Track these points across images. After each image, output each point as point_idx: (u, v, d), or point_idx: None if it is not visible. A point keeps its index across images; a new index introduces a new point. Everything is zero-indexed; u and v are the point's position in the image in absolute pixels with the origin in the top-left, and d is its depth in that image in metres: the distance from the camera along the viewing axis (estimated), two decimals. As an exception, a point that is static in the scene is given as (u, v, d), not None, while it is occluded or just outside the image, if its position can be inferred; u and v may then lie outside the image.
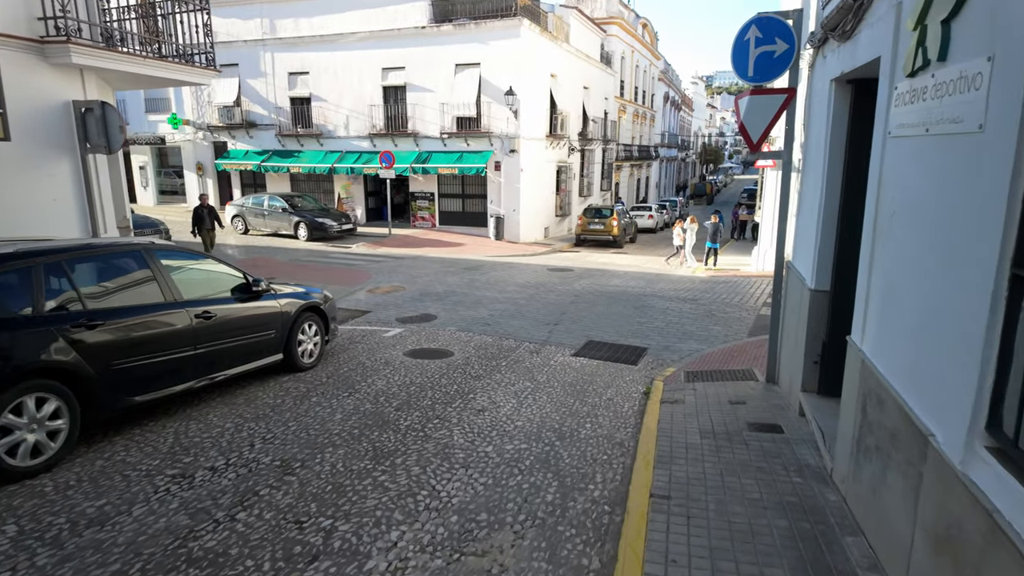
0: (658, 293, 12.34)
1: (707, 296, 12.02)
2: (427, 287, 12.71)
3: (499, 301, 11.41)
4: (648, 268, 17.68)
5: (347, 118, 24.02)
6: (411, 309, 10.73)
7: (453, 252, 18.98)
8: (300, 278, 13.37)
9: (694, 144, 78.78)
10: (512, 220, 22.58)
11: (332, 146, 24.46)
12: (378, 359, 7.52)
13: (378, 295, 11.92)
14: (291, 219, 20.45)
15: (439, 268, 15.33)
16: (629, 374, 7.39)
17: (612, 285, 13.29)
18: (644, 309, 10.84)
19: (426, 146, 23.10)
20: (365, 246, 19.49)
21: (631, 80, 39.79)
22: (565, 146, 26.54)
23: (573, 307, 10.98)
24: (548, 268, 15.94)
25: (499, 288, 12.68)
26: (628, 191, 41.10)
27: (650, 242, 26.85)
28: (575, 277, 14.49)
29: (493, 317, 10.20)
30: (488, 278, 13.95)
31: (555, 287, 12.92)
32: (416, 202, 24.03)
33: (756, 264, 15.93)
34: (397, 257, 17.39)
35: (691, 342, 8.88)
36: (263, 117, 25.24)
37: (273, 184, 25.79)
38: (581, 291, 12.48)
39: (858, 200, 4.79)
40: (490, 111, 21.95)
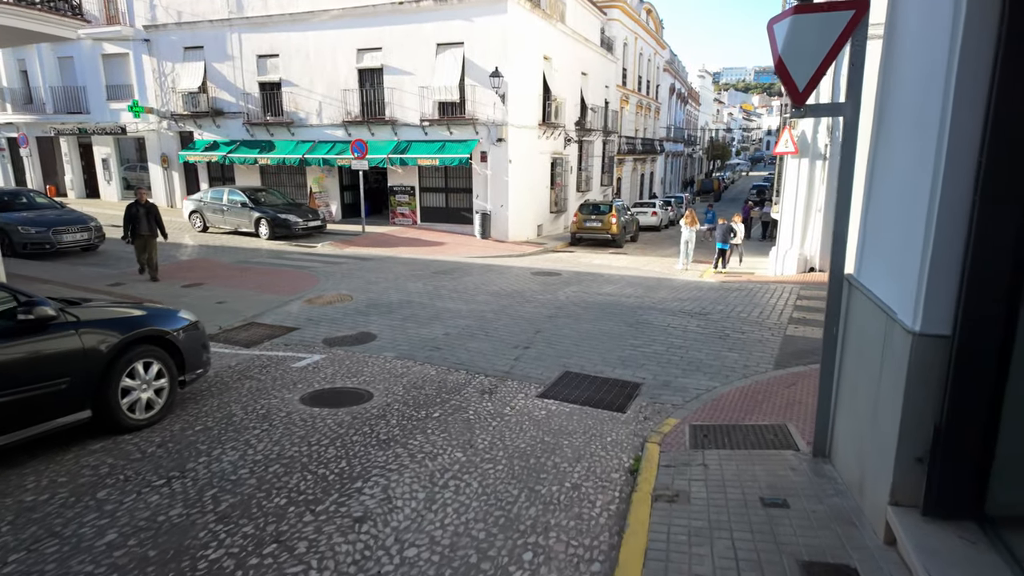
0: (658, 304, 10.15)
1: (718, 309, 9.82)
2: (380, 296, 10.56)
3: (462, 315, 9.25)
4: (649, 271, 15.47)
5: (320, 105, 21.88)
6: (348, 326, 8.59)
7: (429, 252, 16.83)
8: (233, 283, 11.26)
9: (700, 139, 76.34)
10: (500, 217, 20.40)
11: (304, 136, 22.34)
12: (258, 408, 5.38)
13: (316, 306, 9.78)
14: (251, 215, 18.34)
15: (404, 272, 13.18)
16: (612, 430, 5.23)
17: (604, 293, 11.11)
18: (640, 326, 8.66)
19: (405, 135, 20.94)
20: (332, 245, 17.37)
21: (634, 68, 37.52)
22: (561, 136, 24.33)
23: (552, 323, 8.81)
24: (532, 272, 13.77)
25: (466, 297, 10.52)
26: (631, 187, 38.85)
27: (653, 241, 24.64)
28: (561, 283, 12.31)
29: (448, 338, 8.04)
30: (458, 285, 11.79)
31: (535, 296, 10.75)
32: (395, 197, 21.88)
33: (774, 267, 13.72)
34: (362, 258, 15.25)
35: (699, 376, 6.70)
36: (231, 104, 23.14)
37: (242, 177, 23.71)
38: (565, 302, 10.31)
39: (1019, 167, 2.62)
40: (475, 95, 19.76)
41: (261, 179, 23.64)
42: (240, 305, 9.72)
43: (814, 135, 12.64)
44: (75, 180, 26.97)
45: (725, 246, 15.05)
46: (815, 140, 12.64)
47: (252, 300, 10.06)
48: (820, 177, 12.72)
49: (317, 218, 19.04)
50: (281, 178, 23.60)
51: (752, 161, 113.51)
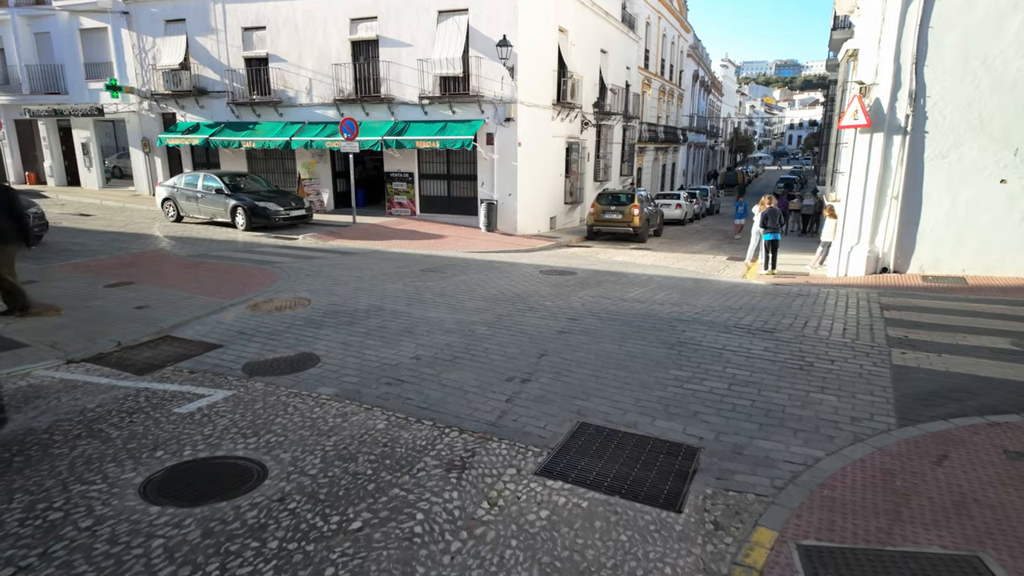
0: (703, 316, 7.80)
1: (783, 323, 7.45)
2: (345, 300, 8.34)
3: (444, 328, 7.00)
4: (681, 271, 13.10)
5: (310, 82, 19.72)
6: (289, 343, 6.39)
7: (424, 246, 14.61)
8: (172, 282, 9.12)
9: (723, 131, 73.25)
10: (507, 207, 18.12)
11: (292, 116, 20.20)
12: (55, 507, 3.18)
13: (259, 314, 7.59)
14: (227, 203, 16.25)
15: (388, 269, 10.96)
16: (664, 555, 2.96)
17: (630, 299, 8.79)
18: (684, 348, 6.35)
19: (403, 115, 18.70)
20: (314, 238, 15.22)
21: (657, 50, 34.93)
22: (577, 119, 21.94)
23: (563, 342, 6.53)
24: (541, 271, 11.47)
25: (455, 304, 8.27)
26: (652, 178, 36.31)
27: (679, 236, 22.20)
28: (576, 285, 10.01)
29: (418, 363, 5.80)
30: (447, 286, 9.54)
31: (542, 302, 8.46)
32: (392, 185, 19.66)
33: (836, 267, 11.28)
34: (344, 252, 13.06)
35: (786, 435, 4.39)
36: (215, 83, 21.08)
37: (228, 162, 21.66)
38: (580, 310, 8.01)
39: None
40: (480, 69, 17.46)
41: (247, 164, 21.58)
42: (163, 311, 7.56)
43: (892, 103, 10.18)
44: (55, 167, 25.12)
45: (776, 236, 12.38)
46: (893, 109, 10.18)
47: (183, 304, 7.91)
48: (898, 156, 10.26)
49: (301, 207, 16.89)
50: (269, 164, 21.51)
51: (775, 155, 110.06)
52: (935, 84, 9.88)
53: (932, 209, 10.25)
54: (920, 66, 9.89)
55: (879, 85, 10.36)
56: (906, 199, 10.35)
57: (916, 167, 10.22)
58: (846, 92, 13.17)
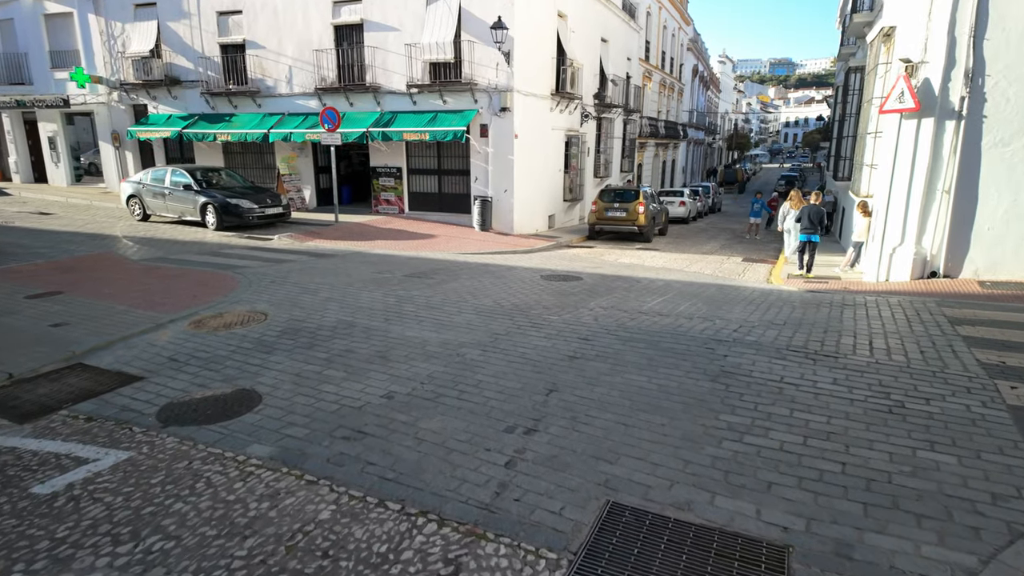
0: (743, 333, 6.46)
1: (844, 343, 6.09)
2: (310, 314, 6.96)
3: (425, 353, 5.65)
4: (697, 274, 11.79)
5: (290, 70, 18.29)
6: (228, 374, 5.02)
7: (411, 248, 13.24)
8: (109, 292, 7.73)
9: (721, 128, 72.06)
10: (503, 204, 16.76)
11: (271, 107, 18.76)
12: None
13: (202, 332, 6.21)
14: (196, 200, 14.82)
15: (367, 274, 9.59)
16: None
17: (650, 312, 7.45)
18: (731, 380, 5.02)
19: (389, 104, 17.30)
20: (290, 238, 13.82)
21: (658, 42, 33.62)
22: (577, 110, 20.59)
23: (576, 372, 5.19)
24: (543, 276, 10.12)
25: (441, 319, 6.91)
26: (652, 174, 35.03)
27: (684, 235, 20.91)
28: (584, 292, 8.66)
29: (389, 406, 4.45)
30: (434, 296, 8.18)
31: (546, 316, 7.11)
32: (378, 180, 18.25)
33: (876, 270, 9.97)
34: (321, 255, 11.68)
35: (906, 524, 3.06)
36: (188, 71, 19.61)
37: (204, 157, 20.20)
38: (594, 326, 6.66)
39: None
40: (473, 55, 16.09)
41: (224, 159, 20.13)
42: (84, 330, 6.17)
43: (944, 84, 8.88)
44: (20, 162, 23.59)
45: (815, 237, 11.07)
46: (946, 91, 8.88)
47: (113, 321, 6.52)
48: (951, 144, 8.96)
49: (278, 204, 15.47)
50: (247, 158, 20.07)
51: (771, 153, 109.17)
52: (996, 60, 8.58)
53: (990, 205, 8.95)
54: (979, 39, 8.59)
55: (929, 63, 9.05)
56: (959, 193, 9.05)
57: (971, 157, 8.93)
58: (873, 77, 11.88)
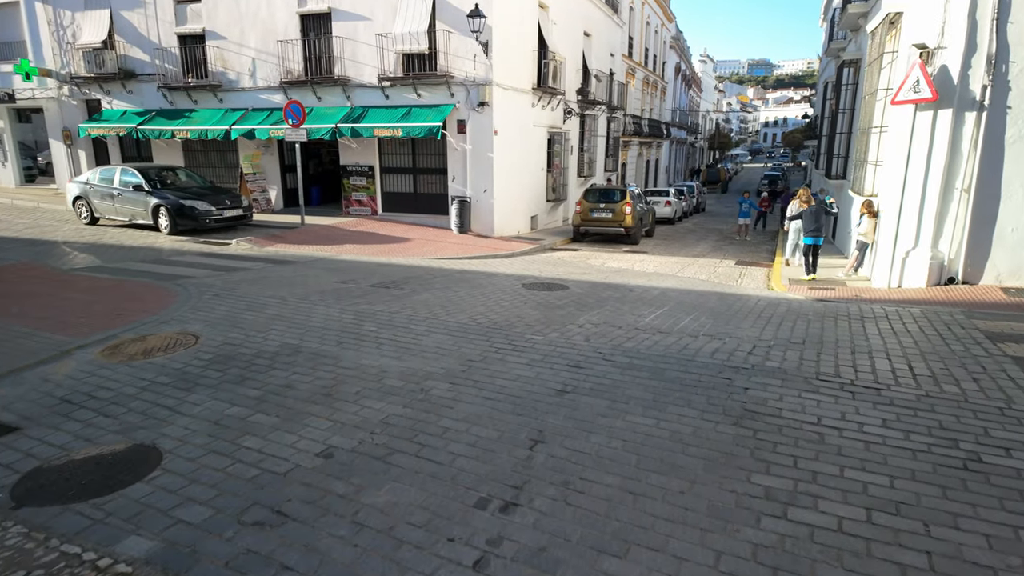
0: (760, 357, 5.52)
1: (880, 368, 5.18)
2: (249, 337, 5.89)
3: (382, 388, 4.62)
4: (692, 280, 10.91)
5: (253, 62, 17.10)
6: (130, 421, 3.95)
7: (382, 253, 12.18)
8: (27, 309, 6.59)
9: (703, 128, 71.82)
10: (483, 205, 15.76)
11: (234, 102, 17.55)
12: None
13: (115, 362, 5.12)
14: (147, 202, 13.59)
15: (328, 285, 8.52)
16: None
17: (649, 329, 6.50)
18: (758, 424, 4.08)
19: (360, 99, 16.20)
20: (249, 243, 12.67)
21: (641, 39, 32.86)
22: (560, 106, 19.67)
23: (566, 413, 4.21)
24: (524, 283, 9.13)
25: (406, 340, 5.89)
26: (636, 174, 34.27)
27: (671, 236, 20.10)
28: (572, 304, 7.70)
29: (326, 470, 3.42)
30: (401, 310, 7.15)
31: (529, 335, 6.12)
32: (349, 180, 17.12)
33: (888, 276, 9.16)
34: (280, 261, 10.58)
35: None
36: (144, 64, 18.30)
37: (162, 155, 18.90)
38: (585, 349, 5.68)
39: None
40: (449, 46, 15.07)
41: (184, 158, 18.86)
42: (-35, 361, 5.04)
43: (964, 71, 8.08)
44: (-34, 162, 22.03)
45: (819, 240, 10.57)
46: (965, 79, 8.09)
47: (6, 347, 5.39)
48: (971, 138, 8.16)
49: (238, 206, 14.28)
50: (209, 157, 18.82)
51: (751, 152, 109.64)
52: (1021, 45, 7.80)
53: (1013, 204, 8.17)
54: (1002, 22, 7.80)
55: (946, 49, 8.24)
56: (980, 192, 8.26)
57: (993, 151, 8.14)
58: (877, 68, 11.11)
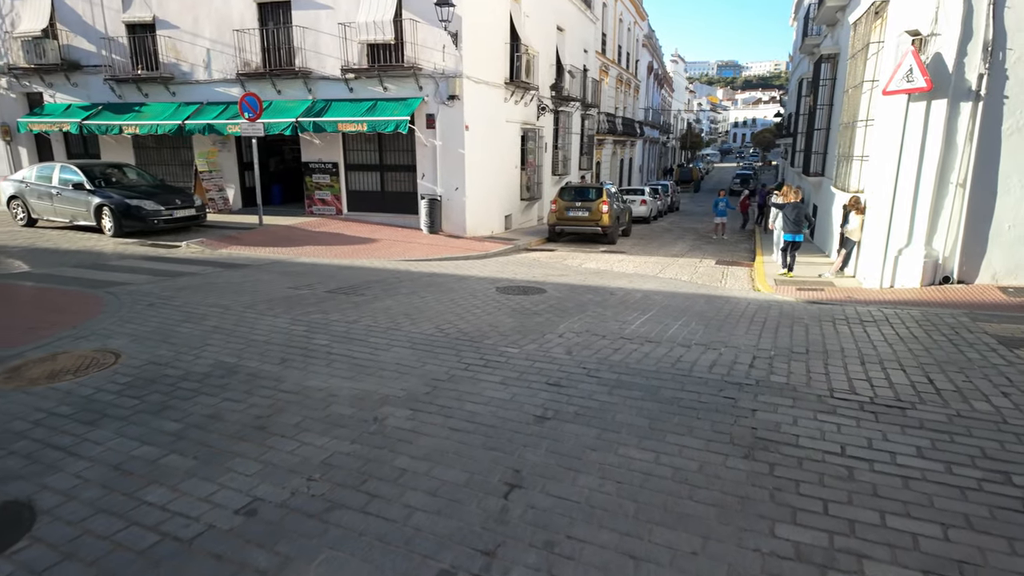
0: (768, 373, 4.94)
1: (897, 382, 4.63)
2: (179, 354, 5.09)
3: (327, 419, 3.90)
4: (674, 281, 10.37)
5: (208, 53, 16.09)
6: (6, 469, 3.16)
7: (346, 255, 11.39)
8: None
9: (675, 128, 72.15)
10: (454, 204, 15.05)
11: (187, 95, 16.50)
12: None
13: (11, 389, 4.29)
14: (89, 202, 12.55)
15: (279, 292, 7.72)
16: None
17: (636, 337, 5.88)
18: (773, 454, 3.48)
19: (323, 91, 15.34)
20: (202, 245, 11.74)
21: (614, 35, 32.49)
22: (533, 102, 19.06)
23: (547, 447, 3.55)
24: (498, 287, 8.46)
25: (362, 356, 5.15)
26: (611, 173, 33.90)
27: (648, 235, 19.66)
28: (550, 311, 7.05)
29: (244, 533, 2.69)
30: (359, 320, 6.40)
31: (503, 347, 5.45)
32: (312, 178, 16.23)
33: (878, 276, 8.73)
34: (231, 265, 9.72)
35: None
36: (89, 54, 17.13)
37: (111, 152, 17.73)
38: (567, 363, 5.03)
39: None
40: (416, 36, 14.32)
41: (135, 156, 17.72)
42: None
43: (959, 59, 7.67)
44: None
45: (799, 237, 10.29)
46: (961, 67, 7.68)
47: None
48: (967, 130, 7.76)
49: (190, 205, 13.30)
50: (163, 154, 17.72)
51: (722, 152, 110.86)
52: (1019, 31, 7.41)
53: (1011, 199, 7.79)
54: (1000, 7, 7.40)
55: (940, 36, 7.83)
56: (976, 186, 7.86)
57: (990, 144, 7.75)
58: (862, 59, 10.73)
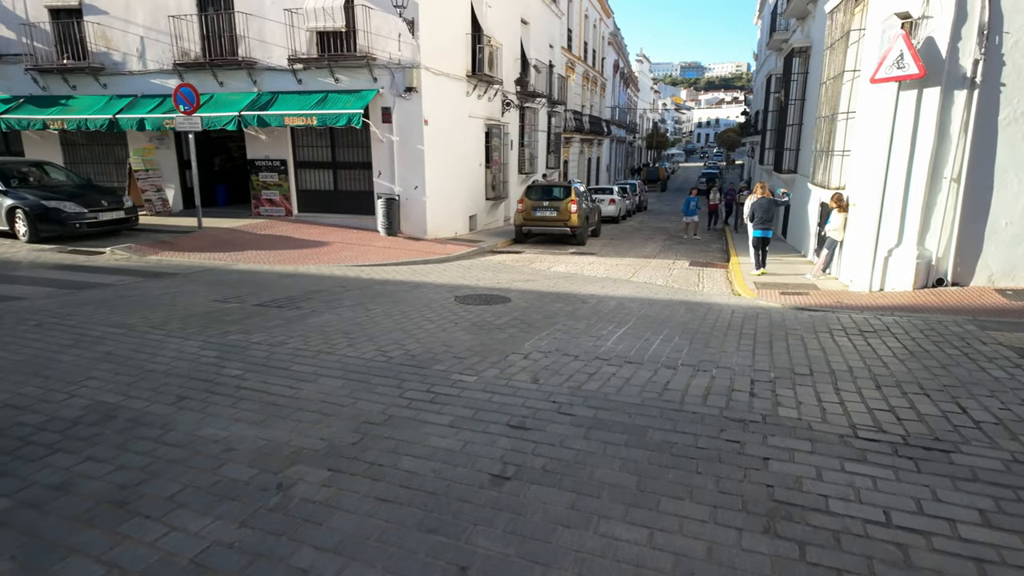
0: (775, 404, 4.18)
1: (929, 413, 3.94)
2: (53, 390, 4.04)
3: (215, 487, 2.95)
4: (649, 286, 9.62)
5: (142, 42, 14.76)
6: None
7: (291, 260, 10.33)
8: None
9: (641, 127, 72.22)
10: (414, 204, 14.07)
11: (120, 87, 15.13)
12: None
13: None
14: (1, 203, 11.20)
15: (199, 306, 6.66)
16: None
17: (613, 357, 5.05)
18: (799, 526, 2.71)
19: (269, 84, 14.18)
20: (131, 251, 10.52)
21: (580, 32, 31.87)
22: (498, 97, 18.19)
23: (504, 524, 2.69)
24: (458, 296, 7.56)
25: (279, 391, 4.20)
26: (578, 172, 33.28)
27: (618, 235, 18.98)
28: (514, 324, 6.18)
29: None
30: (286, 342, 5.42)
31: (456, 375, 4.55)
32: (258, 176, 15.04)
33: (867, 278, 8.12)
34: (157, 274, 8.58)
35: None
36: (8, 42, 15.59)
37: (36, 150, 16.18)
38: (532, 396, 4.16)
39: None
40: (370, 23, 13.30)
41: (62, 153, 16.23)
42: None
43: (952, 45, 7.11)
44: None
45: (769, 233, 9.81)
46: (955, 52, 7.11)
47: None
48: (961, 120, 7.20)
49: (119, 207, 12.02)
50: (94, 151, 16.28)
51: (687, 152, 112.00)
52: (1017, 13, 6.87)
53: (1008, 194, 7.26)
54: (997, -13, 6.85)
55: (932, 19, 7.24)
56: (971, 181, 7.31)
57: (986, 135, 7.20)
58: (843, 47, 10.19)
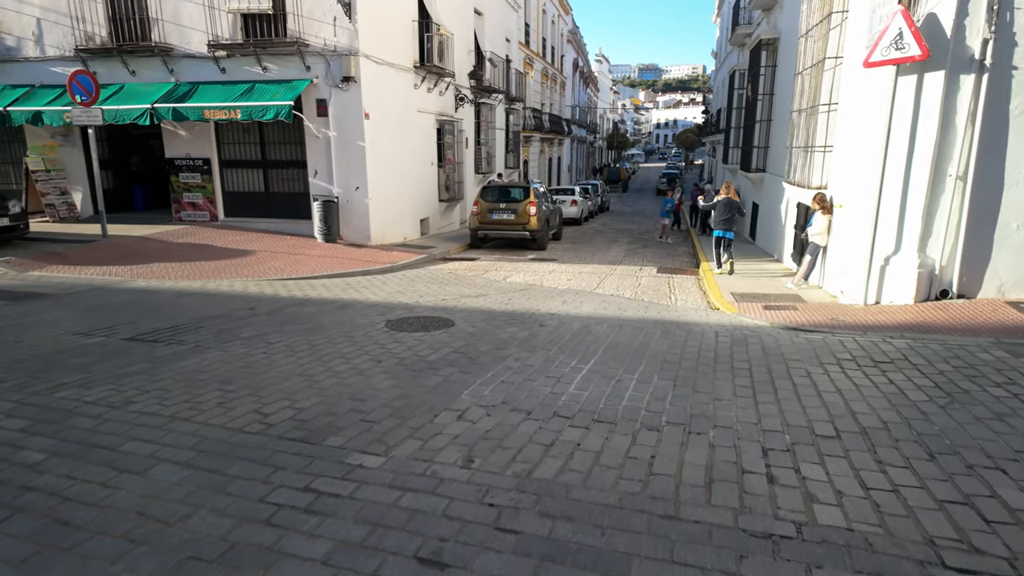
0: (809, 504, 3.07)
1: (989, 513, 2.89)
2: None
3: None
4: (617, 300, 8.50)
5: (39, 24, 12.93)
6: None
7: (202, 274, 8.83)
8: None
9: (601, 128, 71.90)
10: (356, 206, 12.66)
11: (13, 76, 13.23)
12: None
13: None
14: None
15: (51, 339, 5.21)
16: None
17: (575, 410, 3.88)
18: None
19: (188, 73, 12.56)
20: (10, 264, 8.84)
21: (538, 27, 30.82)
22: (450, 91, 16.90)
23: None
24: (390, 320, 6.28)
25: (78, 493, 2.88)
26: (539, 172, 32.21)
27: (581, 239, 17.92)
28: (454, 361, 4.94)
29: None
30: (132, 399, 4.05)
31: (356, 451, 3.30)
32: (178, 176, 13.37)
33: (862, 290, 7.20)
34: (21, 295, 7.01)
35: None
36: None
37: (-81, 149, 14.13)
38: (462, 496, 2.96)
39: None
40: (301, 5, 11.84)
41: (-50, 151, 14.20)
42: None
43: (958, 23, 6.23)
44: None
45: (730, 234, 9.35)
46: (960, 33, 6.24)
47: None
48: (968, 109, 6.32)
49: (3, 213, 10.29)
50: (-12, 149, 14.31)
51: (646, 153, 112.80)
52: (1031, -13, 6.02)
53: (1020, 193, 6.40)
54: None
55: None
56: (978, 178, 6.43)
57: (996, 125, 6.33)
58: (824, 32, 9.33)
